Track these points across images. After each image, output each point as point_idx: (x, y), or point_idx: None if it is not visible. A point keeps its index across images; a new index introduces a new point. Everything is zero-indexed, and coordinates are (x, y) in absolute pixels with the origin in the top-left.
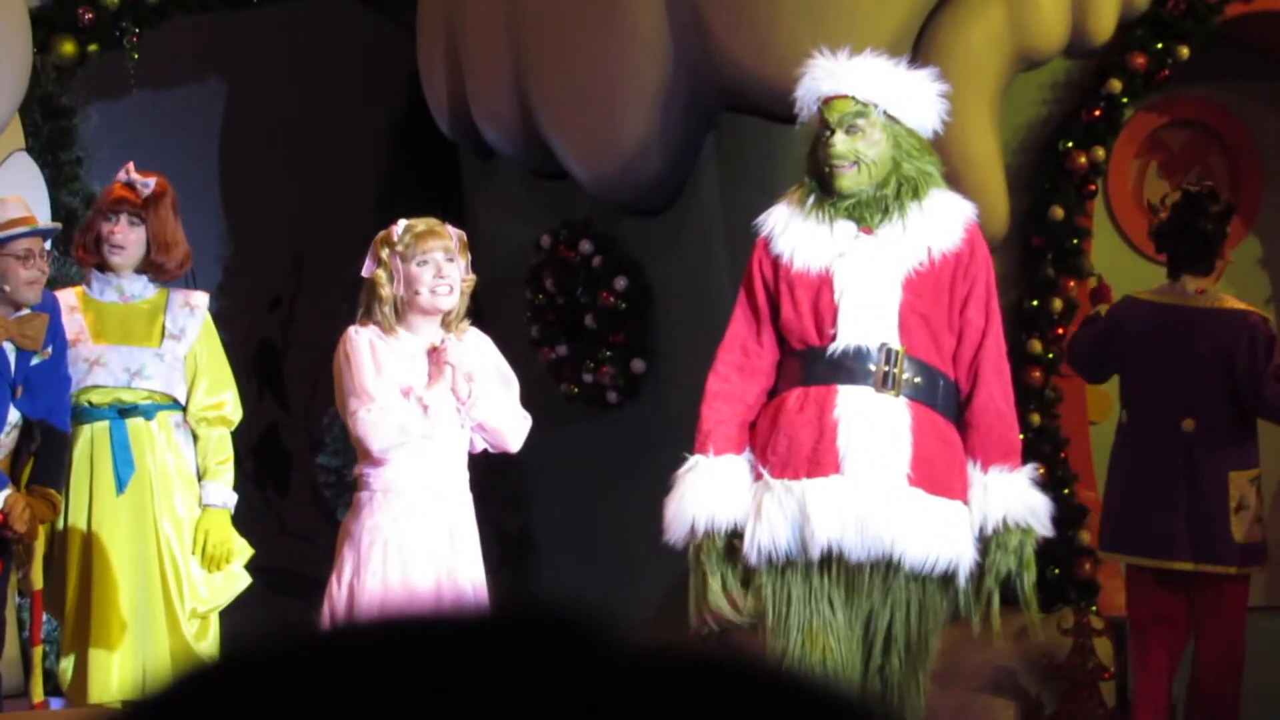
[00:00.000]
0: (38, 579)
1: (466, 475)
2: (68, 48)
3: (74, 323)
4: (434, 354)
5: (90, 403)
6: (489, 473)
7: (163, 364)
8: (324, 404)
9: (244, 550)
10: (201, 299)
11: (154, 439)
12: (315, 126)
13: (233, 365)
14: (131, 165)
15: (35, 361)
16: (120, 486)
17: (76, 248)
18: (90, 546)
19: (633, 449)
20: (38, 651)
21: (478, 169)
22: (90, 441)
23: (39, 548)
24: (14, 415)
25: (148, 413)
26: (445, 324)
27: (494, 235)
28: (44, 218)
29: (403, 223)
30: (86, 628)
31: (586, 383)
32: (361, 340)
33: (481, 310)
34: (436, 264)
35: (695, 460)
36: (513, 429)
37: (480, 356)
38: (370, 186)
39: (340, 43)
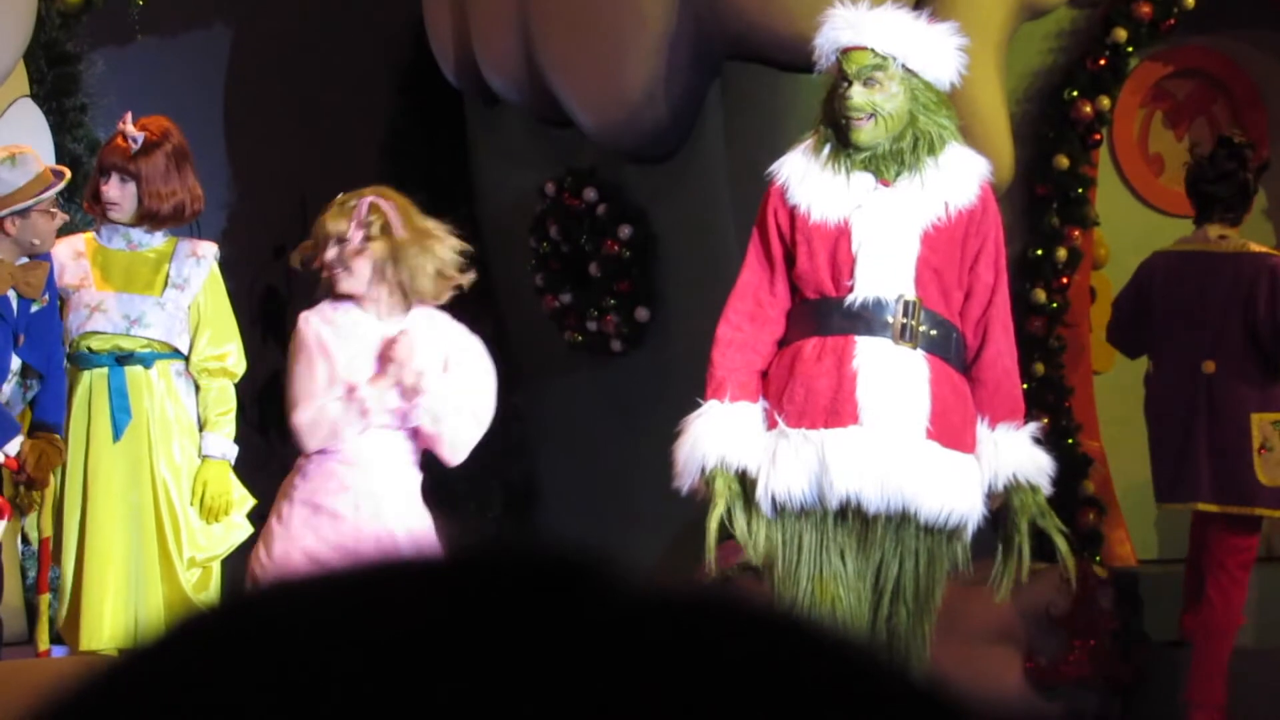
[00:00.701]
0: (46, 526)
1: (407, 452)
2: None
3: (80, 268)
4: (386, 347)
5: (89, 349)
6: (494, 421)
7: (163, 312)
8: None
9: (244, 500)
10: (209, 249)
11: (153, 387)
12: (320, 72)
13: (237, 313)
14: (129, 116)
15: (34, 309)
16: (117, 434)
17: (84, 201)
18: (86, 493)
19: (637, 398)
20: (43, 599)
21: (482, 116)
22: (89, 388)
23: (47, 494)
24: (15, 363)
25: (146, 360)
26: (415, 302)
27: (498, 183)
28: (48, 164)
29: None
30: (80, 574)
31: (590, 331)
32: (309, 334)
33: (486, 258)
34: (333, 248)
35: (708, 405)
36: (452, 440)
37: (433, 351)
38: (376, 133)
39: None
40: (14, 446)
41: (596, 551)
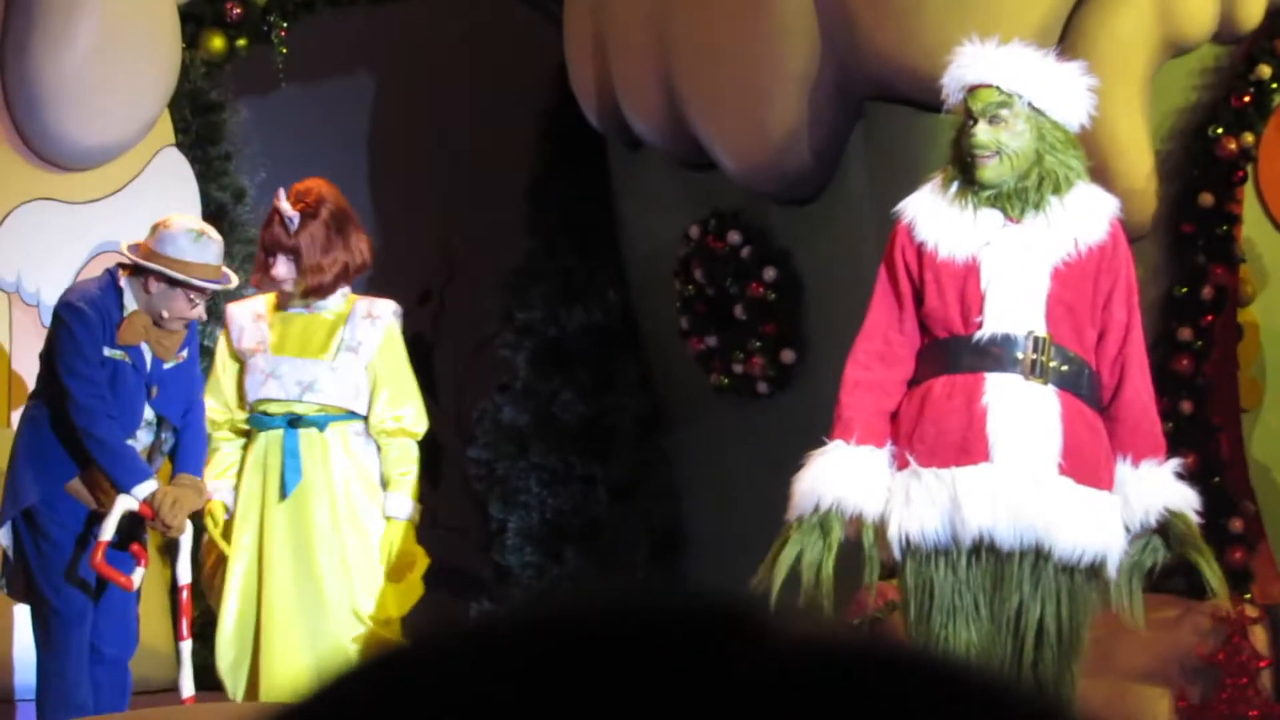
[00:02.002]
0: (185, 573)
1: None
2: (216, 43)
3: (258, 332)
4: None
5: (265, 412)
6: (640, 465)
7: (334, 376)
8: (474, 398)
9: (422, 561)
10: (385, 308)
11: (327, 448)
12: (463, 118)
13: None
14: (282, 193)
15: (167, 366)
16: (284, 493)
17: (253, 279)
18: (259, 551)
19: (783, 440)
20: (186, 646)
21: (626, 160)
22: (264, 449)
23: (186, 540)
24: (148, 414)
25: (320, 423)
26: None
27: (642, 226)
28: (194, 213)
29: None
30: (252, 630)
31: (736, 374)
32: None
33: (632, 302)
34: None
35: (833, 445)
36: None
37: None
38: (519, 178)
39: (488, 34)
40: (144, 491)
41: (747, 598)
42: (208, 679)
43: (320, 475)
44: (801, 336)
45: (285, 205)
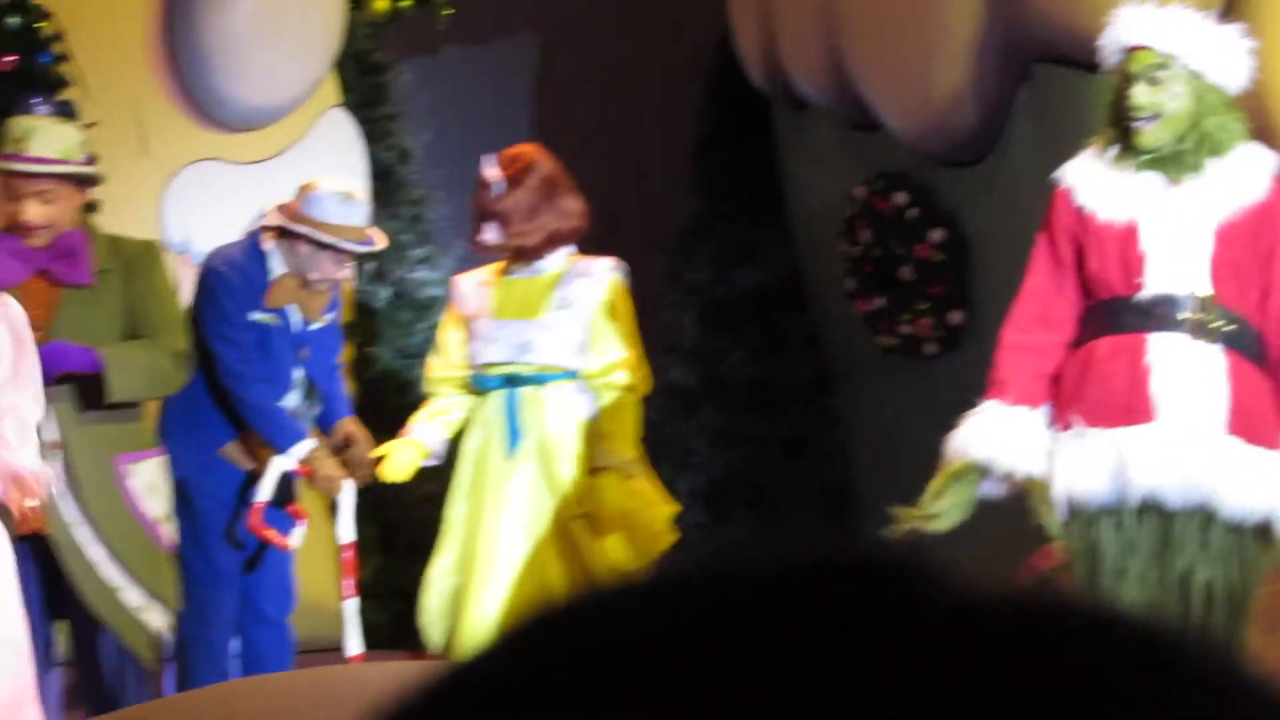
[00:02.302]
0: (348, 531)
1: None
2: (380, 4)
3: (480, 297)
4: None
5: (487, 373)
6: (808, 425)
7: (550, 335)
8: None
9: (662, 509)
10: (602, 265)
11: (545, 405)
12: (627, 80)
13: None
14: (492, 159)
15: (314, 327)
16: (510, 451)
17: (471, 242)
18: (480, 509)
19: (951, 400)
20: (353, 604)
21: (791, 121)
22: (486, 408)
23: (348, 498)
24: (297, 375)
25: (539, 381)
26: None
27: (808, 187)
28: (360, 174)
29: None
30: (463, 585)
31: (904, 334)
32: None
33: (798, 263)
34: None
35: (987, 405)
36: None
37: None
38: (684, 140)
39: (652, 6)
40: (302, 450)
41: (920, 554)
42: (374, 638)
43: (541, 432)
44: (969, 297)
45: (490, 172)
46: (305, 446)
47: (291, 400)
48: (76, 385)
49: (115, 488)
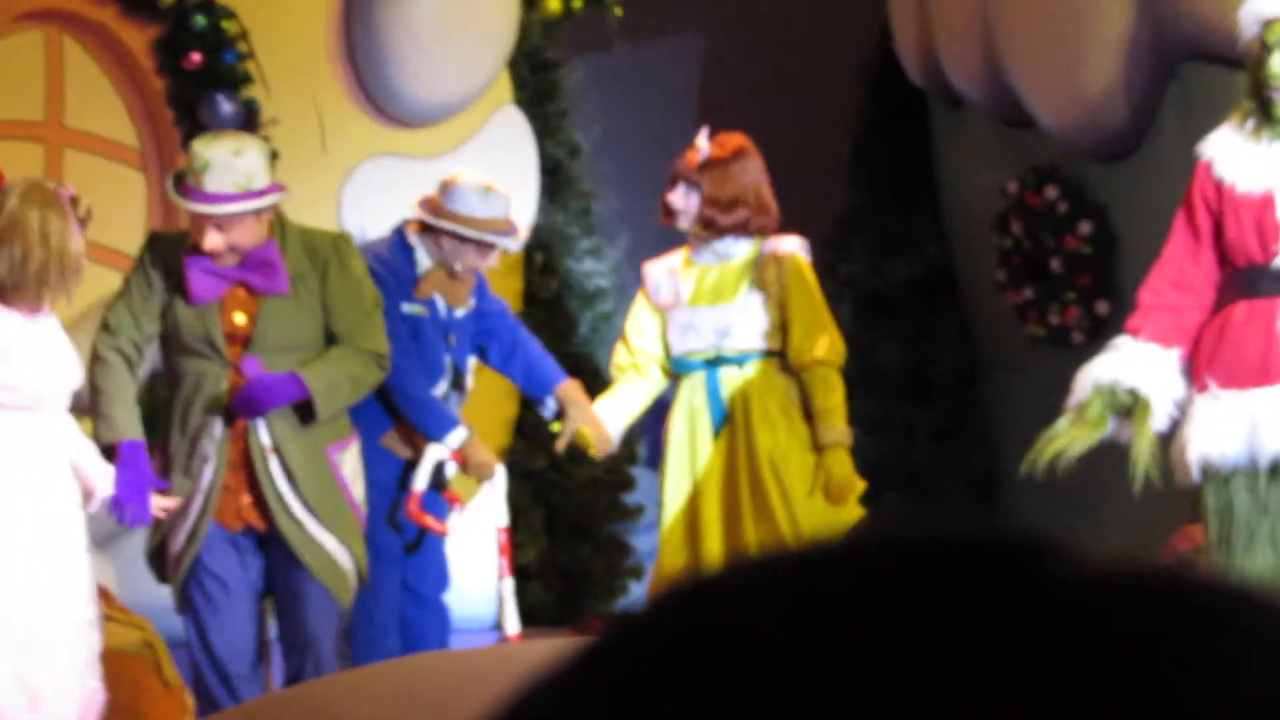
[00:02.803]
0: (502, 515)
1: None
2: (553, 4)
3: (672, 285)
4: None
5: (688, 358)
6: (958, 413)
7: (746, 318)
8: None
9: (858, 485)
10: (790, 244)
11: (746, 385)
12: (789, 76)
13: None
14: (705, 131)
15: (459, 314)
16: (715, 430)
17: (660, 214)
18: (691, 487)
19: None
20: (508, 584)
21: (947, 118)
22: (687, 392)
23: (500, 483)
24: (445, 361)
25: (739, 361)
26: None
27: (963, 181)
28: (531, 169)
29: None
30: (679, 565)
31: (1052, 325)
32: None
33: (952, 255)
34: None
35: (1118, 340)
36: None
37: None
38: (841, 136)
39: (814, 7)
40: (456, 440)
41: (1048, 533)
42: (539, 617)
43: (744, 411)
44: (1116, 289)
45: (702, 140)
46: (459, 435)
47: (441, 388)
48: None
49: (333, 479)
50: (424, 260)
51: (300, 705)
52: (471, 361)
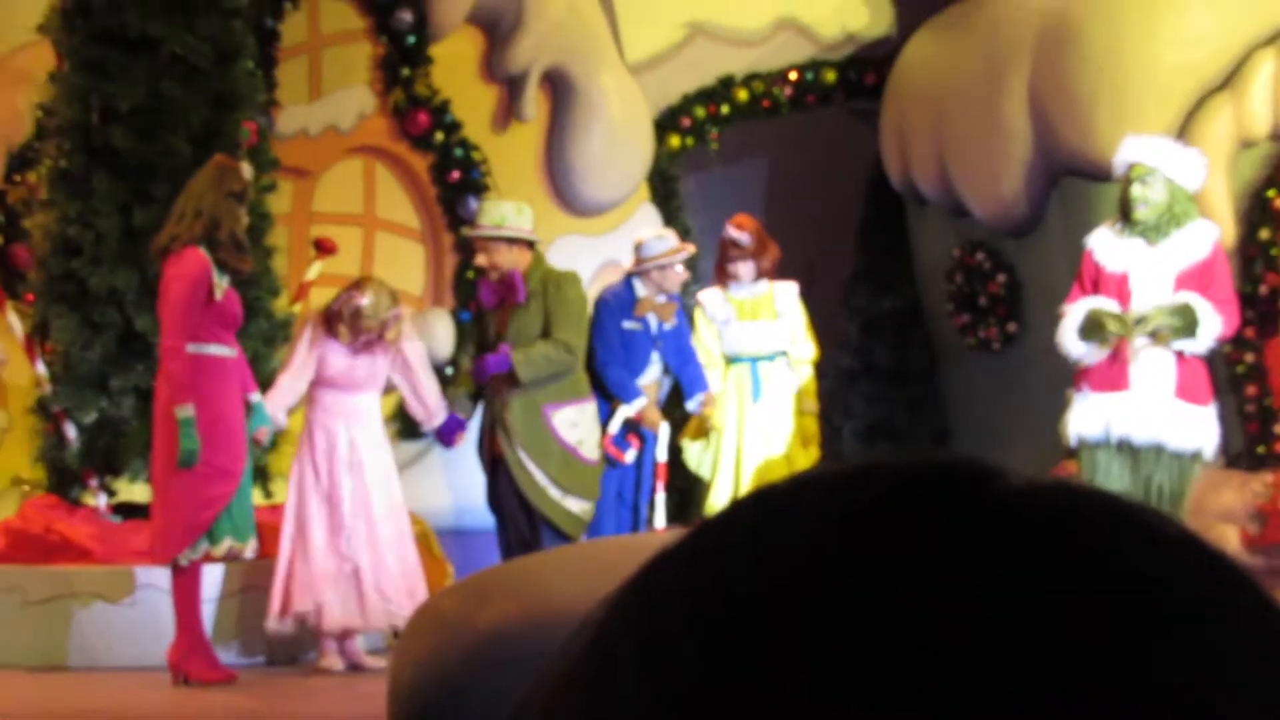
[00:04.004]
0: (662, 453)
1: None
2: (674, 141)
3: (726, 309)
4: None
5: (741, 355)
6: (925, 392)
7: (778, 330)
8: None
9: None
10: (792, 286)
11: (774, 373)
12: (821, 186)
13: None
14: (731, 226)
15: (666, 328)
16: (755, 400)
17: (717, 277)
18: (739, 443)
19: (1009, 379)
20: (661, 497)
21: (917, 210)
22: (736, 378)
23: (663, 433)
24: (655, 360)
25: (771, 358)
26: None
27: (926, 249)
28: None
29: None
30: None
31: (981, 338)
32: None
33: (920, 299)
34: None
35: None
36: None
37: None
38: (852, 219)
39: (832, 137)
40: (638, 404)
41: (991, 461)
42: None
43: (773, 389)
44: (1020, 316)
45: (736, 233)
46: (639, 402)
47: (652, 374)
48: (506, 378)
49: (547, 429)
50: (640, 292)
51: (514, 574)
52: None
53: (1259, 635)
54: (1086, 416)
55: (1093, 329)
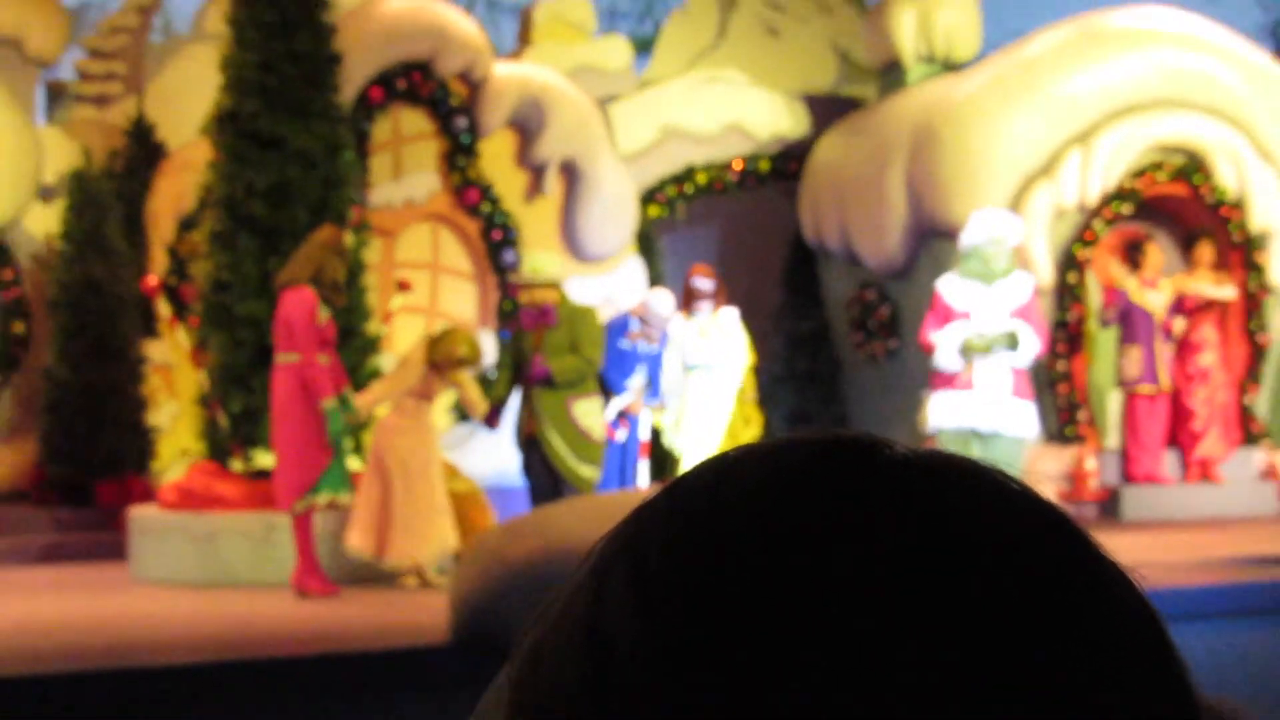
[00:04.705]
0: (645, 433)
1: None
2: (652, 211)
3: (691, 330)
4: None
5: (708, 364)
6: (831, 391)
7: (730, 344)
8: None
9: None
10: (734, 311)
11: (728, 373)
12: (758, 239)
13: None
14: (698, 273)
15: (650, 350)
16: (717, 394)
17: (684, 305)
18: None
19: (890, 382)
20: (644, 464)
21: (826, 261)
22: (698, 379)
23: (645, 417)
24: (640, 370)
25: (724, 365)
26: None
27: (833, 288)
28: (643, 283)
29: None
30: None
31: (870, 353)
32: None
33: (829, 321)
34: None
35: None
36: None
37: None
38: (779, 266)
39: (766, 208)
40: (628, 397)
41: (874, 434)
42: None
43: (721, 388)
44: (899, 336)
45: (702, 281)
46: (628, 396)
47: (637, 381)
48: (544, 380)
49: (566, 414)
50: (634, 325)
51: (539, 519)
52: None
53: (1075, 555)
54: (943, 411)
55: (965, 348)
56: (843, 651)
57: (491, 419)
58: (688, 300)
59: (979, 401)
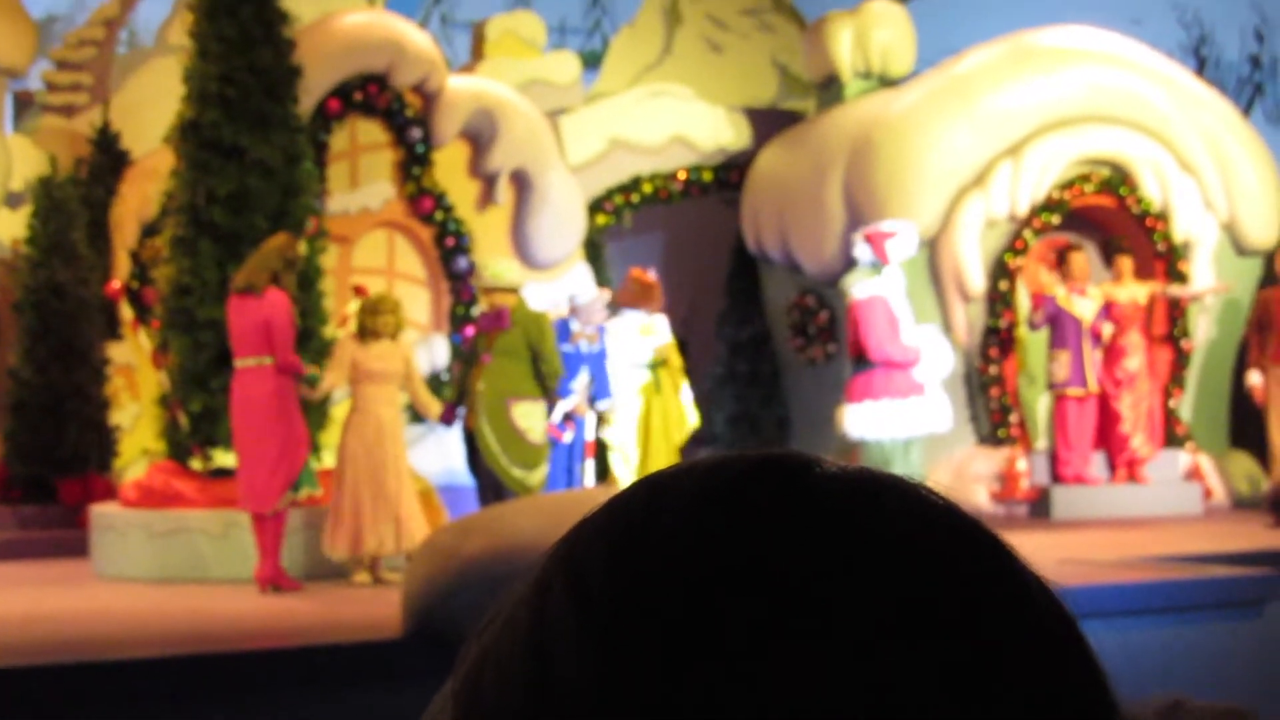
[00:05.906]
0: (590, 433)
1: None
2: (600, 219)
3: (632, 328)
4: None
5: (645, 361)
6: (772, 392)
7: (660, 343)
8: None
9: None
10: (664, 319)
11: (667, 374)
12: (701, 247)
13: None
14: (649, 271)
15: (592, 350)
16: (655, 393)
17: (622, 301)
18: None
19: (826, 383)
20: (590, 464)
21: (767, 268)
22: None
23: (589, 419)
24: (583, 371)
25: (660, 363)
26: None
27: (774, 294)
28: (592, 287)
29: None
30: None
31: (809, 356)
32: None
33: (770, 325)
34: None
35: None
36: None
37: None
38: (722, 273)
39: (709, 217)
40: (572, 400)
41: (809, 453)
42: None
43: (668, 387)
44: (836, 341)
45: (646, 274)
46: (573, 399)
47: (580, 382)
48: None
49: (505, 414)
50: (575, 326)
51: (489, 517)
52: (610, 368)
53: (996, 568)
54: (867, 421)
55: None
56: (779, 667)
57: (447, 417)
58: (632, 299)
59: (906, 408)
